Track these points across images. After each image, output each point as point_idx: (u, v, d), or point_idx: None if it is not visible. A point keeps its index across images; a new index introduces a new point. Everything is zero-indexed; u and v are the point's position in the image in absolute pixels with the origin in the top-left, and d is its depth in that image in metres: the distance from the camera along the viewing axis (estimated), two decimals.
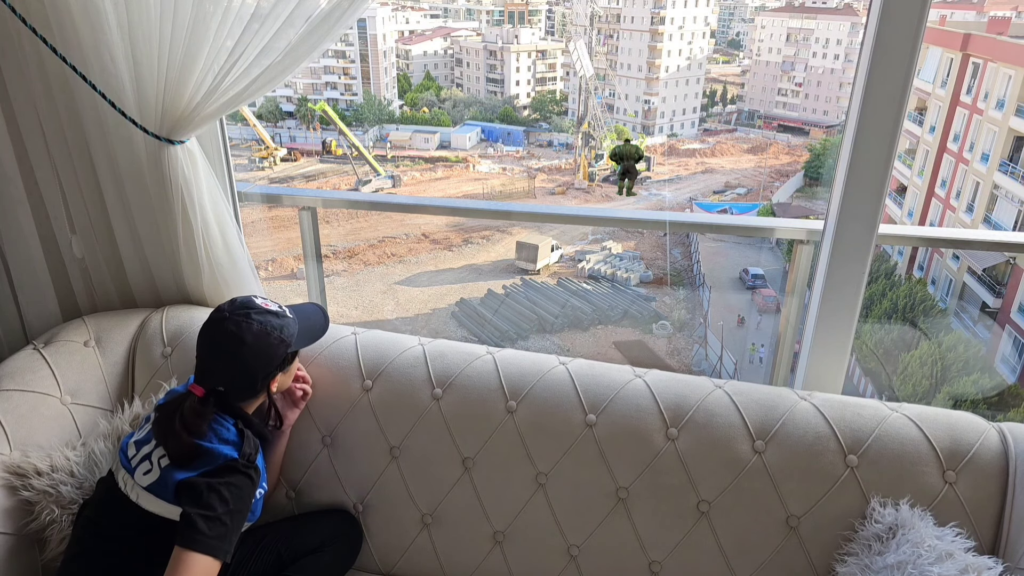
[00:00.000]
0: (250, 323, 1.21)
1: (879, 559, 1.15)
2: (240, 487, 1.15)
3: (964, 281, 10.10)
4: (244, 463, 1.17)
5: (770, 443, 1.31)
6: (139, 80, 1.39)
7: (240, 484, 1.15)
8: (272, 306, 1.27)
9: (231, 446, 1.18)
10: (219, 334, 1.21)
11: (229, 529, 1.12)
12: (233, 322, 1.20)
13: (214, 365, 1.22)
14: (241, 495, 1.15)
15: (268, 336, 1.21)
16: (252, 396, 1.26)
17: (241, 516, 1.16)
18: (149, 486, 1.16)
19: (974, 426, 1.29)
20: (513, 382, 1.44)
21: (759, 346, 11.53)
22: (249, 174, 18.89)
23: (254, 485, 1.19)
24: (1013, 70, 9.76)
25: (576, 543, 1.41)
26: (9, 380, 1.41)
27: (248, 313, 1.22)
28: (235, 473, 1.15)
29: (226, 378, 1.21)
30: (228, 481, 1.14)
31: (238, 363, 1.20)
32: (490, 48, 24.62)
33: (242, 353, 1.19)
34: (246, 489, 1.17)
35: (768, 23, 23.38)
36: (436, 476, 1.46)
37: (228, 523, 1.12)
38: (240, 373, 1.21)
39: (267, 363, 1.23)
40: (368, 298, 13.62)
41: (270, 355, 1.23)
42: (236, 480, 1.15)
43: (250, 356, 1.20)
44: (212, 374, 1.21)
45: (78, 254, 1.67)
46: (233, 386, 1.22)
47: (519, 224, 14.84)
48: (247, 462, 1.18)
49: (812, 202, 17.91)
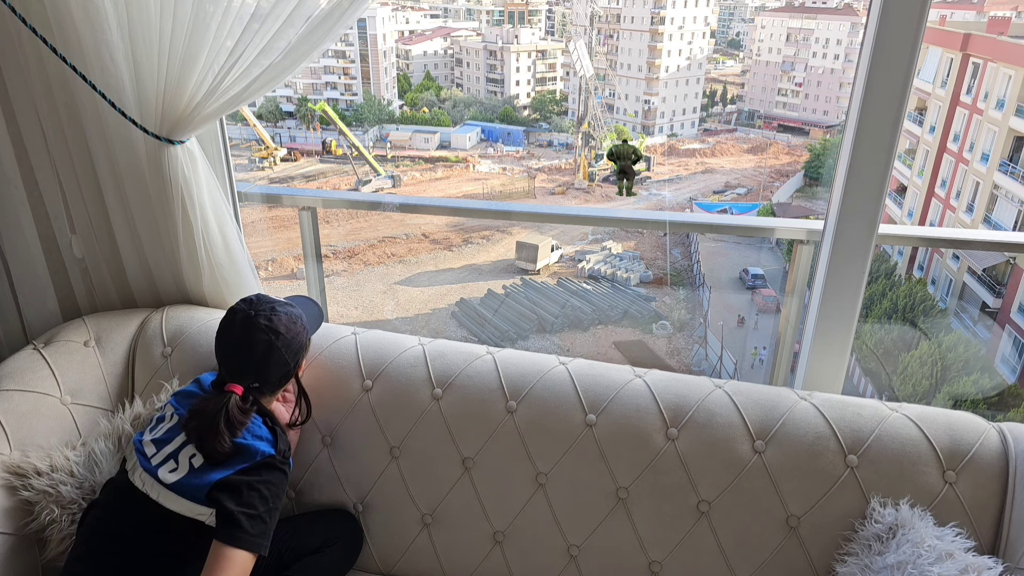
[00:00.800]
0: (279, 315, 1.26)
1: (879, 559, 1.15)
2: (277, 484, 1.19)
3: (964, 281, 10.11)
4: (281, 459, 1.21)
5: (770, 443, 1.31)
6: (139, 80, 1.39)
7: (277, 481, 1.19)
8: (279, 298, 1.33)
9: (266, 443, 1.21)
10: (254, 330, 1.24)
11: (268, 526, 1.16)
12: (264, 317, 1.25)
13: (251, 362, 1.24)
14: (278, 492, 1.19)
15: (296, 324, 1.28)
16: (283, 386, 1.31)
17: (278, 512, 1.20)
18: (174, 485, 1.16)
19: (974, 426, 1.29)
20: (513, 382, 1.44)
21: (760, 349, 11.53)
22: (249, 174, 18.89)
23: (287, 480, 1.23)
24: (1013, 70, 9.76)
25: (576, 543, 1.41)
26: (9, 380, 1.41)
27: (273, 307, 1.27)
28: (273, 470, 1.19)
29: (265, 372, 1.25)
30: (267, 479, 1.17)
31: (276, 354, 1.24)
32: (490, 48, 24.62)
33: (279, 344, 1.24)
34: (282, 485, 1.21)
35: (768, 23, 23.38)
36: (436, 476, 1.46)
37: (268, 520, 1.16)
38: (279, 364, 1.25)
39: (298, 350, 1.29)
40: (368, 298, 13.62)
41: (300, 342, 1.29)
42: (274, 477, 1.19)
43: (285, 346, 1.25)
44: (248, 371, 1.24)
45: (78, 254, 1.67)
46: (270, 379, 1.26)
47: (519, 224, 14.84)
48: (283, 458, 1.21)
49: (812, 202, 17.91)
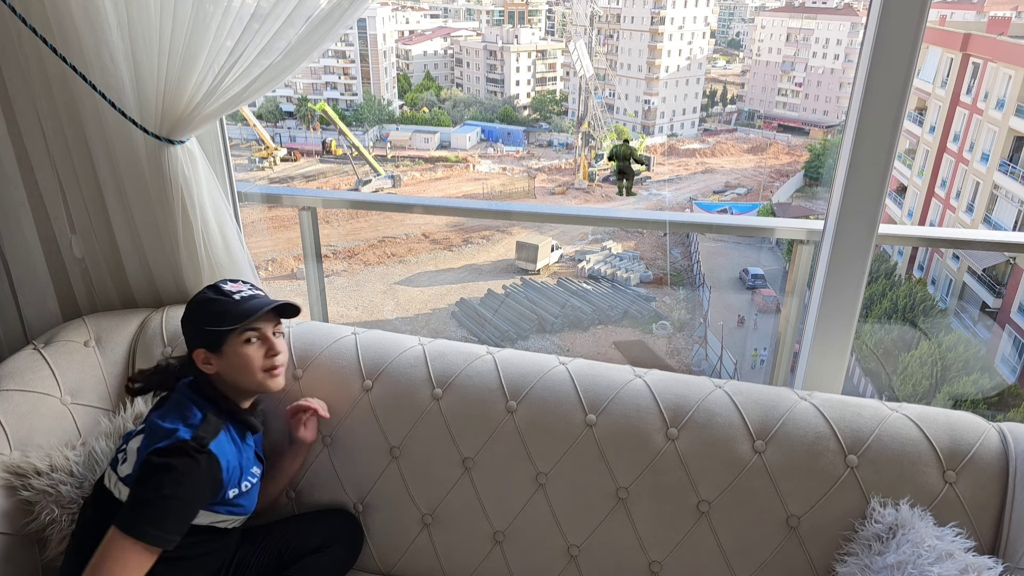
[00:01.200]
0: (202, 290, 1.28)
1: (879, 559, 1.15)
2: (182, 471, 1.10)
3: (964, 281, 10.11)
4: (195, 446, 1.13)
5: (770, 443, 1.31)
6: (139, 80, 1.39)
7: (183, 468, 1.10)
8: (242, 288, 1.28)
9: (188, 427, 1.16)
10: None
11: (160, 515, 1.08)
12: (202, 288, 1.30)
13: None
14: (181, 480, 1.10)
15: (197, 305, 1.26)
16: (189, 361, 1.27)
17: (183, 503, 1.11)
18: (125, 477, 1.15)
19: (974, 426, 1.28)
20: (513, 382, 1.44)
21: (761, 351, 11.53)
22: (249, 174, 18.90)
23: (204, 472, 1.13)
24: (1013, 70, 9.77)
25: (576, 543, 1.41)
26: (9, 380, 1.41)
27: (215, 283, 1.29)
28: (181, 456, 1.11)
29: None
30: (169, 463, 1.09)
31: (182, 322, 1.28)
32: (490, 48, 24.63)
33: (184, 313, 1.28)
34: (191, 475, 1.11)
35: (768, 23, 23.40)
36: (436, 476, 1.46)
37: (159, 507, 1.08)
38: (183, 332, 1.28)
39: (193, 333, 1.26)
40: (368, 298, 13.62)
41: (194, 326, 1.26)
42: (179, 463, 1.10)
43: (184, 318, 1.28)
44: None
45: (78, 254, 1.67)
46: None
47: (519, 224, 14.84)
48: (198, 445, 1.13)
49: (812, 202, 17.92)
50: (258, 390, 1.28)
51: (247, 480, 1.25)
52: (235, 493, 1.22)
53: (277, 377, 1.28)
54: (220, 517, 1.21)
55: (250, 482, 1.26)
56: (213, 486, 1.16)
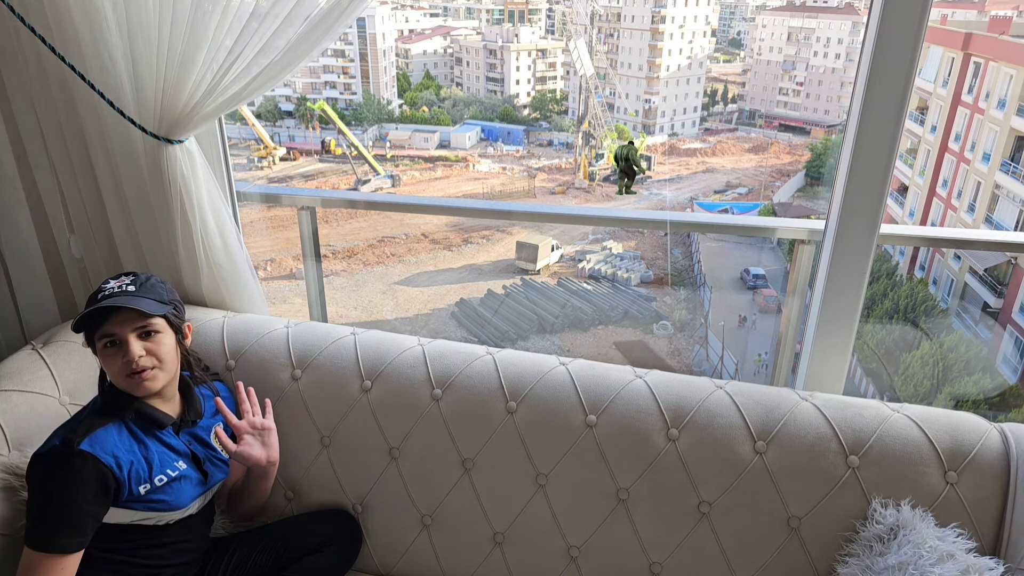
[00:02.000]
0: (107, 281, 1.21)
1: (880, 560, 1.15)
2: (51, 476, 1.10)
3: (965, 281, 10.10)
4: (62, 449, 1.11)
5: (771, 444, 1.31)
6: (138, 79, 1.39)
7: (51, 474, 1.10)
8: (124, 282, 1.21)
9: (62, 431, 1.15)
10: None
11: (46, 520, 1.08)
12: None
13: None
14: (49, 486, 1.10)
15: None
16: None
17: (66, 507, 1.09)
18: None
19: (975, 426, 1.28)
20: (513, 383, 1.44)
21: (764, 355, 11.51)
22: (248, 174, 18.90)
23: (78, 473, 1.10)
24: (1014, 69, 9.76)
25: (576, 544, 1.41)
26: (7, 381, 1.41)
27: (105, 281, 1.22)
28: (47, 461, 1.11)
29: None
30: (38, 470, 1.11)
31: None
32: (490, 47, 24.62)
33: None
34: (63, 478, 1.10)
35: (769, 22, 23.39)
36: (436, 477, 1.45)
37: (42, 513, 1.09)
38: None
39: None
40: (367, 298, 13.62)
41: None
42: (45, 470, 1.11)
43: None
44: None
45: (76, 254, 1.67)
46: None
47: (519, 224, 14.83)
48: (65, 448, 1.11)
49: (813, 202, 17.91)
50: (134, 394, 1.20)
51: (162, 475, 1.21)
52: (147, 488, 1.18)
53: (143, 383, 1.18)
54: (142, 515, 1.19)
55: (168, 476, 1.21)
56: (100, 484, 1.12)
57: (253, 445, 1.34)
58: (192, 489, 1.26)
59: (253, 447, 1.34)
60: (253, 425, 1.37)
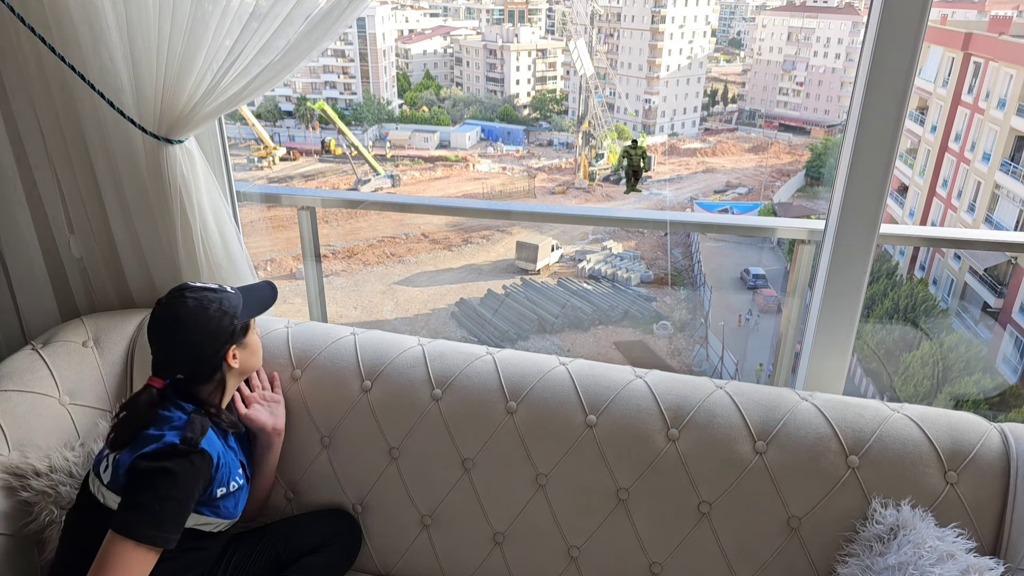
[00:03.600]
0: (184, 300, 1.20)
1: (880, 560, 1.15)
2: (177, 472, 1.11)
3: (965, 281, 10.10)
4: (185, 447, 1.14)
5: (771, 444, 1.31)
6: (138, 79, 1.39)
7: (178, 469, 1.12)
8: (210, 285, 1.27)
9: (176, 431, 1.16)
10: (157, 319, 1.20)
11: (157, 515, 1.09)
12: (168, 305, 1.21)
13: (160, 352, 1.20)
14: (176, 481, 1.11)
15: (205, 310, 1.20)
16: (210, 374, 1.24)
17: (178, 503, 1.12)
18: (109, 483, 1.15)
19: (975, 426, 1.28)
20: (513, 382, 1.44)
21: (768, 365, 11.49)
22: (248, 174, 18.89)
23: (197, 471, 1.14)
24: (1014, 69, 9.75)
25: (576, 544, 1.40)
26: (7, 381, 1.41)
27: (182, 292, 1.22)
28: (174, 457, 1.12)
29: (176, 361, 1.20)
30: (163, 466, 1.11)
31: (178, 341, 1.20)
32: (490, 47, 24.61)
33: (180, 330, 1.19)
34: (185, 475, 1.13)
35: (769, 22, 23.37)
36: (436, 477, 1.45)
37: (155, 509, 1.09)
38: (185, 351, 1.20)
39: (212, 337, 1.21)
40: (367, 298, 13.62)
41: (213, 329, 1.21)
42: (174, 465, 1.12)
43: (190, 332, 1.19)
44: (163, 362, 1.21)
45: (76, 254, 1.67)
46: (187, 368, 1.21)
47: (519, 224, 14.82)
48: (188, 446, 1.14)
49: (813, 202, 17.90)
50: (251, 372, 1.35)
51: (234, 480, 1.25)
52: (222, 492, 1.21)
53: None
54: (204, 519, 1.20)
55: (237, 483, 1.26)
56: (204, 483, 1.17)
57: (261, 411, 1.42)
58: (244, 498, 1.29)
59: (261, 412, 1.42)
60: (263, 396, 1.46)
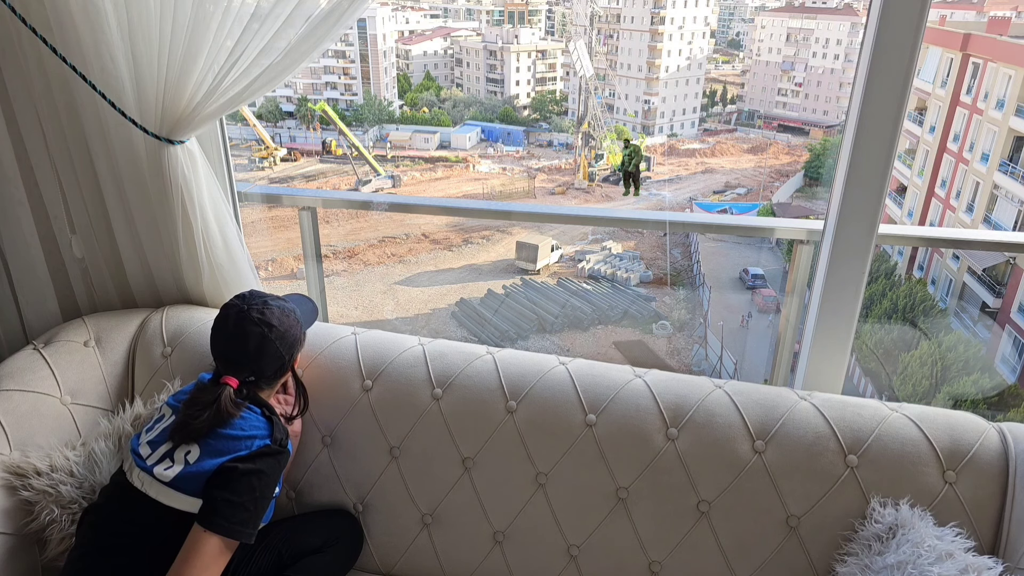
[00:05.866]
0: (271, 309, 1.28)
1: (879, 559, 1.15)
2: (269, 473, 1.19)
3: (964, 281, 10.10)
4: (276, 448, 1.21)
5: (770, 443, 1.31)
6: (139, 80, 1.39)
7: (269, 470, 1.19)
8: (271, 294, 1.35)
9: (262, 432, 1.22)
10: (247, 323, 1.25)
11: (252, 514, 1.17)
12: (257, 311, 1.26)
13: (244, 355, 1.25)
14: (269, 481, 1.19)
15: (288, 317, 1.30)
16: (279, 378, 1.32)
17: (266, 501, 1.20)
18: (173, 481, 1.16)
19: (974, 426, 1.29)
20: (513, 382, 1.44)
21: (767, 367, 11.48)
22: (249, 174, 18.89)
23: (281, 469, 1.23)
24: (1013, 70, 9.76)
25: (576, 543, 1.41)
26: (9, 380, 1.41)
27: (265, 301, 1.29)
28: (266, 458, 1.19)
29: (259, 364, 1.26)
30: (260, 468, 1.18)
31: (270, 347, 1.26)
32: (490, 48, 24.62)
33: (272, 337, 1.26)
34: (275, 474, 1.21)
35: (768, 23, 23.39)
36: (436, 476, 1.46)
37: (251, 508, 1.16)
38: (273, 356, 1.26)
39: (292, 343, 1.30)
40: (368, 298, 13.62)
41: (294, 335, 1.31)
42: (266, 466, 1.19)
43: (279, 338, 1.27)
44: (242, 364, 1.25)
45: (78, 254, 1.67)
46: (265, 372, 1.27)
47: (519, 224, 14.84)
48: (279, 447, 1.22)
49: (812, 202, 17.91)
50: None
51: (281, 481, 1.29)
52: (278, 492, 1.26)
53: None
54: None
55: (280, 484, 1.29)
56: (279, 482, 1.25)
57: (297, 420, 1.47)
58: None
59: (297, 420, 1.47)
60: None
